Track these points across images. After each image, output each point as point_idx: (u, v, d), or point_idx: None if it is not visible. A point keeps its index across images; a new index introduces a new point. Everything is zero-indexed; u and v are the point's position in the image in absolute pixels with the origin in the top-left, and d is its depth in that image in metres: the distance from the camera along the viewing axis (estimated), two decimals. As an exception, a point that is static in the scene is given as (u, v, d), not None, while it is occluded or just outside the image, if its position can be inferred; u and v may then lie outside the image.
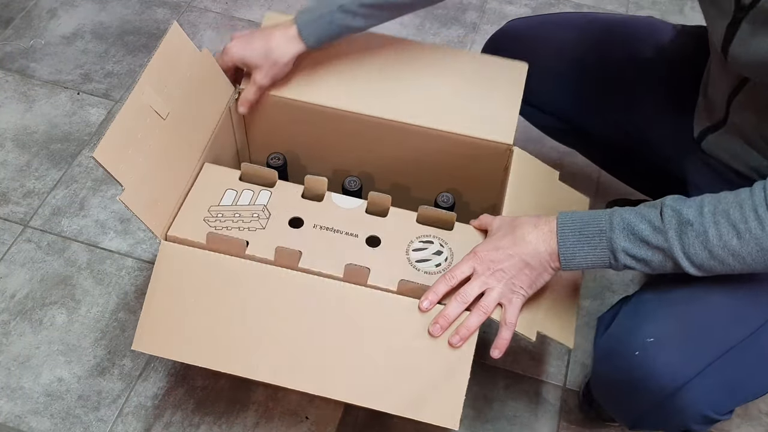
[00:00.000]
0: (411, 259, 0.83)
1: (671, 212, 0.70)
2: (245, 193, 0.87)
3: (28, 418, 1.05)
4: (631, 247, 0.71)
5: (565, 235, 0.74)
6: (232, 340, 0.80)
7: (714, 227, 0.68)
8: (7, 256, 1.22)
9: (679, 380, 0.74)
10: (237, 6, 1.64)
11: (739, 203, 0.68)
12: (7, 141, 1.37)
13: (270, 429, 1.06)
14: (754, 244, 0.67)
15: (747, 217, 0.67)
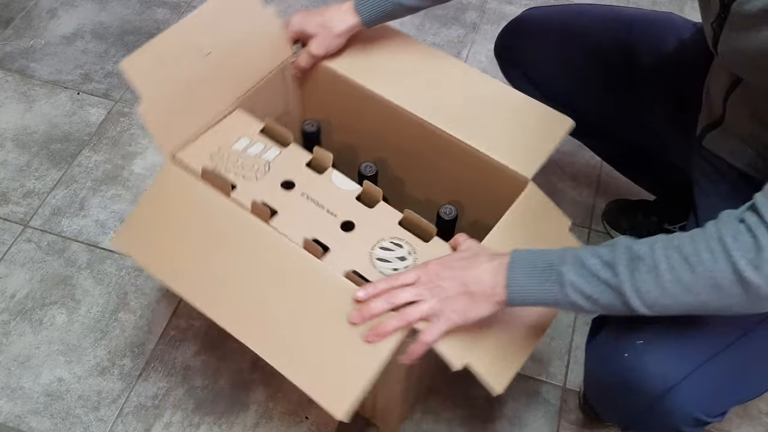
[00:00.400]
0: (373, 256, 0.82)
1: (623, 248, 0.67)
2: (257, 145, 0.91)
3: (28, 418, 1.05)
4: (579, 281, 0.68)
5: (515, 267, 0.71)
6: (197, 270, 0.83)
7: (666, 261, 0.65)
8: (7, 256, 1.22)
9: (669, 382, 0.74)
10: (237, 6, 1.64)
11: (692, 237, 0.65)
12: (7, 141, 1.37)
13: (270, 429, 1.06)
14: (708, 277, 0.64)
15: (699, 249, 0.64)
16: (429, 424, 1.07)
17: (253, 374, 1.10)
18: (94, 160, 1.35)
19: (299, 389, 1.10)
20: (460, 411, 1.09)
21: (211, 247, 0.84)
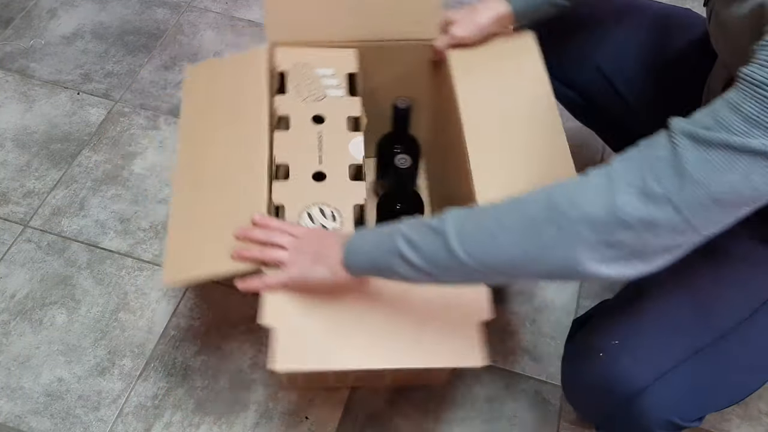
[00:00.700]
0: (307, 210, 0.87)
1: (450, 216, 0.67)
2: (333, 79, 0.98)
3: (28, 418, 1.05)
4: (410, 231, 0.67)
5: (358, 233, 0.75)
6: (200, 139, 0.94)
7: (493, 207, 0.65)
8: (7, 256, 1.22)
9: (640, 383, 0.74)
10: (237, 6, 1.64)
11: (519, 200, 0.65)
12: (7, 141, 1.37)
13: (270, 429, 1.06)
14: (524, 216, 0.62)
15: (526, 198, 0.64)
16: (429, 423, 1.07)
17: (253, 374, 1.10)
18: (94, 160, 1.35)
19: (299, 389, 1.10)
20: (460, 411, 1.09)
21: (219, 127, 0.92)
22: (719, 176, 0.55)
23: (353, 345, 0.77)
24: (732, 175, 0.55)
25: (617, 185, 0.58)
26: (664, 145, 0.57)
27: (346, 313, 0.79)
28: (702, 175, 0.55)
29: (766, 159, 0.54)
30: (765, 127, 0.53)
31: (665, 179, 0.56)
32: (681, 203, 0.56)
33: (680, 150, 0.56)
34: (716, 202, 0.56)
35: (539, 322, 1.18)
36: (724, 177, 0.55)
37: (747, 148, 0.54)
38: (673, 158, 0.56)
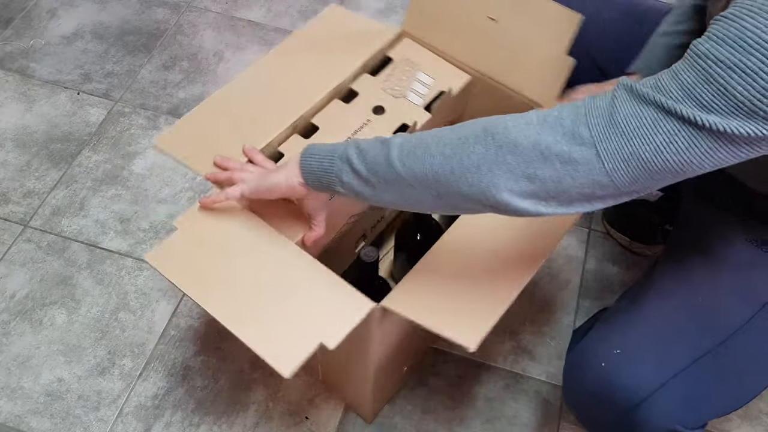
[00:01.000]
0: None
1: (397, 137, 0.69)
2: (427, 78, 0.99)
3: (28, 418, 1.05)
4: (362, 141, 0.70)
5: (306, 151, 0.74)
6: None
7: (438, 130, 0.66)
8: (7, 256, 1.22)
9: (642, 392, 0.73)
10: (237, 6, 1.64)
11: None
12: (7, 141, 1.37)
13: (270, 429, 1.06)
14: (457, 135, 0.64)
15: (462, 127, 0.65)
16: (429, 423, 1.07)
17: (253, 374, 1.10)
18: (94, 160, 1.35)
19: (299, 389, 1.10)
20: (460, 411, 1.09)
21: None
22: (646, 133, 0.56)
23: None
24: (658, 136, 0.56)
25: (549, 122, 0.59)
26: (604, 97, 0.59)
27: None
28: (630, 128, 0.57)
29: (691, 127, 0.55)
30: (696, 98, 0.54)
31: (595, 126, 0.58)
32: (604, 151, 0.57)
33: (617, 102, 0.58)
34: (639, 159, 0.57)
35: (539, 322, 1.18)
36: (651, 136, 0.56)
37: (675, 113, 0.55)
38: (609, 108, 0.58)
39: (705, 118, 0.54)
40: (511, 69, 0.95)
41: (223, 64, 1.52)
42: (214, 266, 0.78)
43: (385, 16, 1.64)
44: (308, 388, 1.09)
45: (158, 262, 0.77)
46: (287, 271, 0.77)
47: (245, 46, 1.56)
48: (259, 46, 1.56)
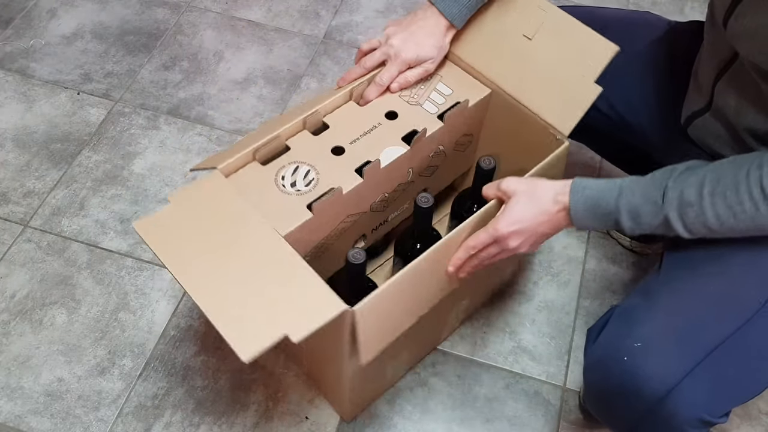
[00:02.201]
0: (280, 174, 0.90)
1: (672, 193, 0.74)
2: (444, 87, 0.99)
3: (28, 418, 1.05)
4: (635, 227, 0.77)
5: (578, 212, 0.79)
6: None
7: (712, 209, 0.73)
8: (7, 256, 1.22)
9: (669, 382, 0.73)
10: (237, 6, 1.64)
11: (736, 185, 0.72)
12: (7, 141, 1.37)
13: (270, 429, 1.06)
14: (750, 222, 0.72)
15: (742, 199, 0.71)
16: (429, 423, 1.07)
17: (253, 374, 1.10)
18: (94, 160, 1.35)
19: (299, 389, 1.10)
20: (460, 411, 1.09)
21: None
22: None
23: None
24: None
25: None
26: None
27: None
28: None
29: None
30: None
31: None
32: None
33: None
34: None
35: (539, 322, 1.19)
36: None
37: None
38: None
39: None
40: (534, 89, 0.94)
41: (223, 64, 1.52)
42: (198, 244, 0.79)
43: (385, 17, 1.64)
44: (308, 388, 1.10)
45: (144, 231, 0.79)
46: (269, 262, 0.78)
47: (245, 46, 1.56)
48: (259, 46, 1.56)
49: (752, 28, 0.74)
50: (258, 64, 1.53)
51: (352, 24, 1.62)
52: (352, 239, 0.99)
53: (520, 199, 0.81)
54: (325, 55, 1.56)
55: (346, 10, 1.65)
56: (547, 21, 0.90)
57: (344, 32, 1.61)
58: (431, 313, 0.93)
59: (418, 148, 0.95)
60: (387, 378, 1.07)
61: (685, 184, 0.74)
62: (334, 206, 0.89)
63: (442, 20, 0.94)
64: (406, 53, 0.95)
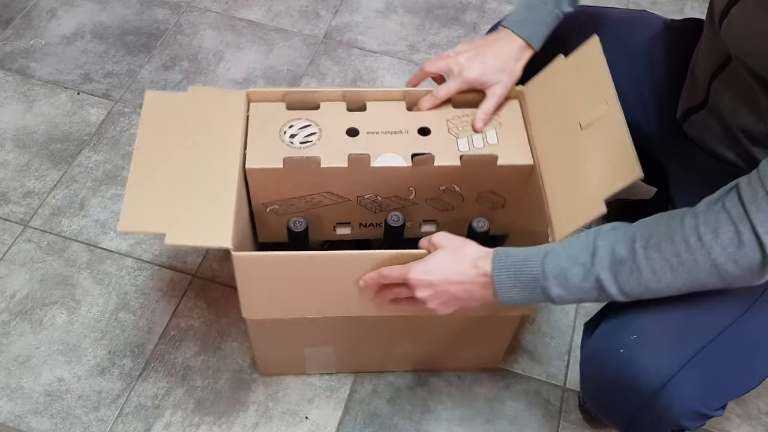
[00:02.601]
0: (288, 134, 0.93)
1: (602, 251, 0.70)
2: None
3: (28, 418, 1.05)
4: (564, 294, 0.72)
5: (501, 279, 0.74)
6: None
7: (647, 263, 0.68)
8: (7, 256, 1.22)
9: (665, 374, 0.73)
10: (237, 6, 1.64)
11: (670, 235, 0.68)
12: (7, 141, 1.37)
13: (270, 429, 1.06)
14: (687, 275, 0.68)
15: (679, 249, 0.67)
16: (429, 423, 1.07)
17: (253, 374, 1.10)
18: (94, 160, 1.35)
19: (299, 389, 1.10)
20: (460, 411, 1.09)
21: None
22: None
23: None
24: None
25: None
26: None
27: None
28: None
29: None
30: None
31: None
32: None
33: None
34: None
35: (539, 322, 1.19)
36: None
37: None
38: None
39: None
40: (559, 182, 0.87)
41: (223, 64, 1.52)
42: (175, 135, 0.87)
43: (385, 17, 1.64)
44: (308, 388, 1.10)
45: (149, 99, 0.89)
46: (211, 177, 0.84)
47: (245, 46, 1.56)
48: (259, 46, 1.56)
49: (744, 33, 0.74)
50: (258, 64, 1.53)
51: (352, 24, 1.62)
52: (334, 218, 1.00)
53: (442, 252, 0.78)
54: (325, 55, 1.56)
55: (346, 10, 1.65)
56: (604, 118, 0.83)
57: (344, 32, 1.61)
58: (361, 330, 0.97)
59: (421, 172, 0.92)
60: (308, 363, 1.08)
61: (615, 240, 0.70)
62: (310, 174, 0.90)
63: (516, 42, 0.92)
64: (468, 72, 0.91)
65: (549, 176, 0.87)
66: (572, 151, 0.86)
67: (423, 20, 1.64)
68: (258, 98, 0.94)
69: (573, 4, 0.94)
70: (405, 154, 0.91)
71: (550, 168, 0.88)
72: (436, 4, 1.68)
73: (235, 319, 1.15)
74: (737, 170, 0.87)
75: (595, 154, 0.82)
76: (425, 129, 0.93)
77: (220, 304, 1.18)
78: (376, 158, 0.90)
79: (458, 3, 1.69)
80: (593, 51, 0.87)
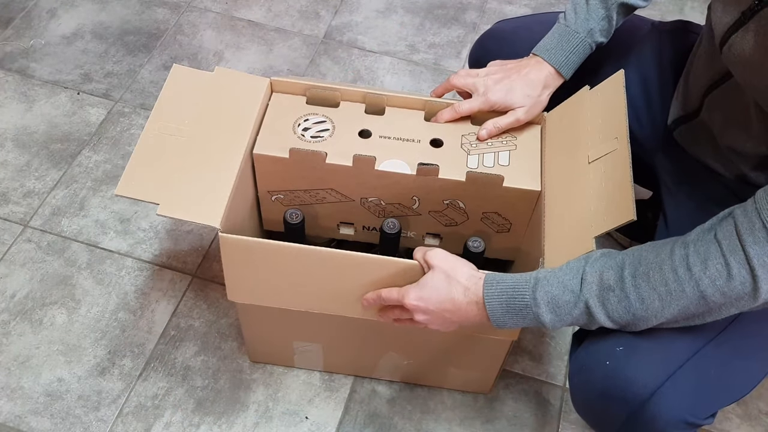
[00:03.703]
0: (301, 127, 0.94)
1: (591, 278, 0.71)
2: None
3: (28, 418, 1.05)
4: (556, 319, 0.73)
5: (493, 306, 0.75)
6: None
7: (635, 291, 0.69)
8: (7, 256, 1.22)
9: (651, 385, 0.74)
10: (237, 6, 1.64)
11: (659, 264, 0.68)
12: (7, 141, 1.37)
13: (270, 429, 1.06)
14: (675, 306, 0.68)
15: (667, 279, 0.67)
16: (429, 423, 1.07)
17: (253, 374, 1.10)
18: (94, 160, 1.35)
19: (299, 389, 1.10)
20: (460, 411, 1.09)
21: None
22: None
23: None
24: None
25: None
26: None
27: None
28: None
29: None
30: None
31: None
32: None
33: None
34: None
35: (539, 322, 1.19)
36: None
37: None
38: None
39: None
40: (557, 214, 0.86)
41: (223, 64, 1.52)
42: (190, 111, 0.89)
43: (385, 17, 1.64)
44: (308, 388, 1.10)
45: (174, 73, 0.92)
46: (216, 159, 0.87)
47: (245, 46, 1.56)
48: (259, 46, 1.56)
49: (744, 61, 0.73)
50: (258, 64, 1.53)
51: (352, 24, 1.63)
52: (338, 217, 1.00)
53: (436, 276, 0.78)
54: (325, 55, 1.56)
55: (346, 10, 1.65)
56: (611, 155, 0.82)
57: (344, 32, 1.61)
58: (348, 333, 0.97)
59: (425, 182, 0.91)
60: (297, 356, 1.08)
61: (604, 267, 0.71)
62: (314, 168, 0.91)
63: (545, 70, 0.91)
64: (493, 94, 0.91)
65: (551, 206, 0.87)
66: (575, 183, 0.85)
67: (423, 20, 1.64)
68: (280, 88, 0.96)
69: (606, 34, 0.92)
70: (412, 161, 0.90)
71: (553, 198, 0.88)
72: (436, 4, 1.68)
73: (235, 319, 1.15)
74: (725, 179, 0.86)
75: (595, 190, 0.81)
76: (438, 141, 0.93)
77: (220, 304, 1.18)
78: (382, 162, 0.90)
79: (458, 3, 1.69)
80: (616, 84, 0.86)
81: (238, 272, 0.88)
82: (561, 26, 0.92)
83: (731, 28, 0.74)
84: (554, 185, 0.88)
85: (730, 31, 0.74)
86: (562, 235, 0.83)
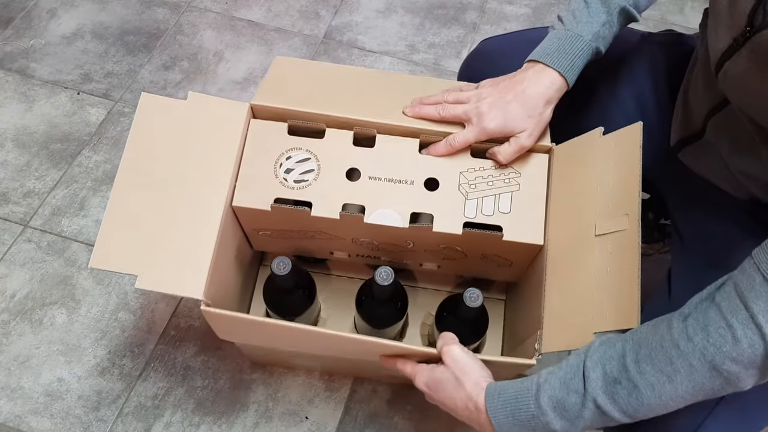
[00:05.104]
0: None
1: (593, 374, 0.65)
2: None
3: (28, 418, 1.05)
4: (567, 425, 0.67)
5: (500, 421, 0.70)
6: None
7: (642, 378, 0.63)
8: (7, 256, 1.22)
9: (692, 425, 0.73)
10: (237, 6, 1.64)
11: (659, 343, 0.63)
12: (7, 141, 1.37)
13: (270, 429, 1.06)
14: (688, 383, 0.62)
15: (671, 357, 0.62)
16: (429, 423, 1.07)
17: (253, 374, 1.11)
18: (94, 160, 1.35)
19: (299, 389, 1.10)
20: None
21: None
22: None
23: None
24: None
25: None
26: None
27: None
28: None
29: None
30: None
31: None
32: None
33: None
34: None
35: (539, 322, 1.18)
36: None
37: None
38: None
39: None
40: (557, 294, 0.81)
41: (223, 64, 1.52)
42: (163, 152, 0.82)
43: (385, 17, 1.64)
44: (308, 388, 1.10)
45: (144, 100, 0.83)
46: (193, 218, 0.80)
47: (245, 46, 1.56)
48: (259, 46, 1.56)
49: (740, 86, 0.71)
50: (258, 64, 1.53)
51: (352, 24, 1.63)
52: (329, 247, 0.96)
53: (446, 375, 0.75)
54: (325, 55, 1.56)
55: (346, 10, 1.66)
56: (619, 236, 0.75)
57: (344, 32, 1.61)
58: (343, 360, 0.96)
59: (419, 231, 0.84)
60: (296, 362, 1.09)
61: (605, 358, 0.65)
62: (300, 219, 0.85)
63: (548, 77, 0.82)
64: (488, 122, 0.82)
65: (552, 272, 0.81)
66: (580, 255, 0.78)
67: (423, 20, 1.64)
68: (261, 115, 0.86)
69: (606, 43, 0.85)
70: (404, 210, 0.83)
71: (554, 264, 0.81)
72: (436, 4, 1.68)
73: (235, 319, 1.16)
74: (737, 200, 0.83)
75: (599, 273, 0.76)
76: (434, 181, 0.84)
77: (220, 304, 1.18)
78: (372, 213, 0.83)
79: (458, 3, 1.69)
80: (632, 138, 0.77)
81: (226, 332, 0.86)
82: (559, 32, 0.83)
83: (725, 54, 0.72)
84: (557, 249, 0.82)
85: (724, 58, 0.72)
86: (562, 313, 0.78)
